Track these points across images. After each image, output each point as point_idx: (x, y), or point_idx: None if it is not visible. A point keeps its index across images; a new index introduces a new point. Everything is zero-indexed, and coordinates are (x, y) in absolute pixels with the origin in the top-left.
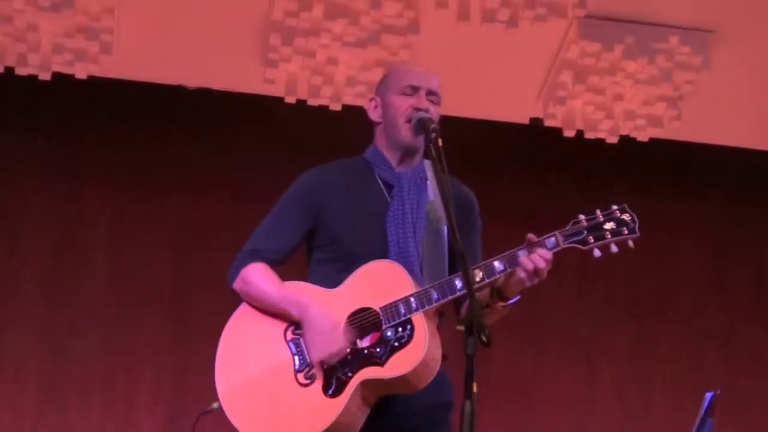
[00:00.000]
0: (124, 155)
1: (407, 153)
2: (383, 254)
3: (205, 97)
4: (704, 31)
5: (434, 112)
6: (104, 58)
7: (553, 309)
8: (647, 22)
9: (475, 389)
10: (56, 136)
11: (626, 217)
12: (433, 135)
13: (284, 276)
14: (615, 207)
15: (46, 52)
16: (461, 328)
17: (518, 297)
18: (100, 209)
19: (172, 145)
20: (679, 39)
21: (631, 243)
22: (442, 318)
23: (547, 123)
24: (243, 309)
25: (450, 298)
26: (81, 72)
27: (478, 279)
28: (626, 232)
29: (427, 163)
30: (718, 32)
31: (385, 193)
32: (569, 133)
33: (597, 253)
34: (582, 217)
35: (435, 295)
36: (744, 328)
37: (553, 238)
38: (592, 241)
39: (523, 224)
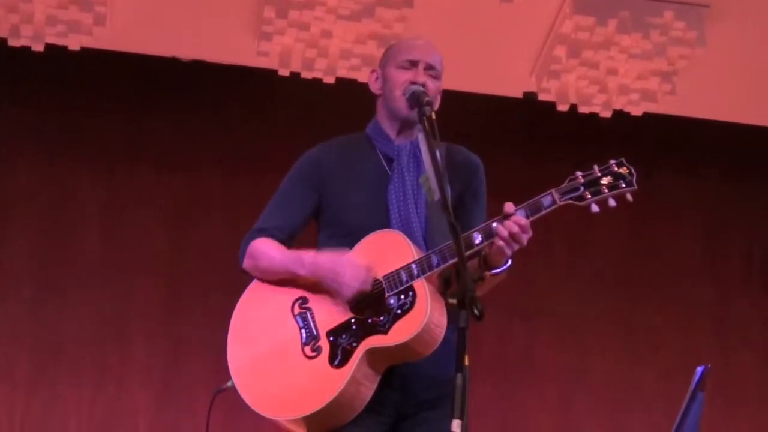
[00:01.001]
0: (117, 128)
1: (405, 125)
2: (386, 227)
3: (199, 69)
4: (699, 6)
5: (432, 87)
6: (98, 29)
7: (545, 284)
8: None
9: (467, 362)
10: (48, 107)
11: (623, 170)
12: (427, 108)
13: None
14: (612, 161)
15: (40, 23)
16: (453, 301)
17: (507, 266)
18: (93, 182)
19: (165, 118)
20: (674, 14)
21: (629, 196)
22: (448, 285)
23: (541, 97)
24: (252, 288)
25: (450, 262)
26: (74, 43)
27: (477, 242)
28: (623, 185)
29: (420, 136)
30: (713, 7)
31: (386, 167)
32: (563, 108)
33: (594, 208)
34: (579, 173)
35: (435, 261)
36: (735, 305)
37: (549, 197)
38: (589, 196)
39: (515, 198)
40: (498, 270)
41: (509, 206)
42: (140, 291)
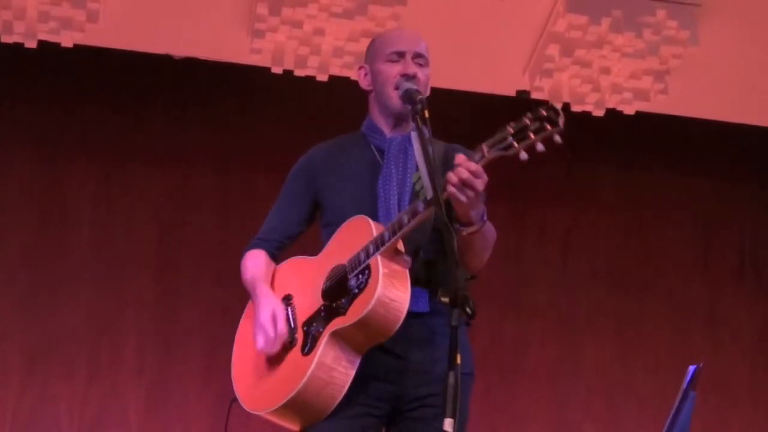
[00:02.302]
0: (110, 124)
1: (399, 119)
2: (375, 219)
3: (191, 66)
4: (692, 5)
5: (422, 75)
6: (90, 26)
7: (538, 282)
8: None
9: (459, 360)
10: (41, 104)
11: (550, 113)
12: (419, 106)
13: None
14: (541, 107)
15: (32, 19)
16: (445, 299)
17: (480, 224)
18: (85, 179)
19: (157, 115)
20: (667, 13)
21: (557, 137)
22: (416, 258)
23: (534, 96)
24: None
25: (399, 234)
26: (67, 40)
27: (420, 208)
28: (549, 127)
29: (413, 134)
30: (706, 6)
31: (379, 160)
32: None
33: (523, 155)
34: (510, 124)
35: (387, 235)
36: (727, 304)
37: (479, 152)
38: (515, 145)
39: (507, 197)
40: (471, 229)
41: (459, 157)
42: (132, 287)
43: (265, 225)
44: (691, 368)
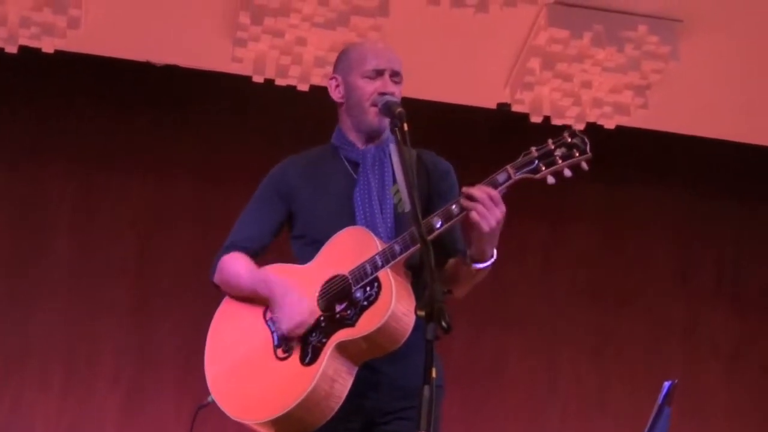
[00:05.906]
0: (90, 131)
1: (372, 135)
2: None
3: (172, 74)
4: (673, 20)
5: (398, 93)
6: (72, 32)
7: (516, 294)
8: (616, 11)
9: (434, 375)
10: (21, 110)
11: (576, 140)
12: (399, 120)
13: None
14: (565, 133)
15: (14, 25)
16: (422, 313)
17: (492, 260)
18: (64, 185)
19: (137, 122)
20: (648, 28)
21: (584, 165)
22: (415, 274)
23: (515, 109)
24: (227, 300)
25: (412, 249)
26: (48, 46)
27: (438, 225)
28: (577, 154)
29: (392, 146)
30: (687, 22)
31: (351, 172)
32: (536, 119)
33: (550, 180)
34: (533, 148)
35: (398, 249)
36: (704, 319)
37: (504, 172)
38: (543, 168)
39: None
40: (483, 264)
41: (467, 189)
42: (110, 295)
43: (240, 233)
44: (666, 384)
